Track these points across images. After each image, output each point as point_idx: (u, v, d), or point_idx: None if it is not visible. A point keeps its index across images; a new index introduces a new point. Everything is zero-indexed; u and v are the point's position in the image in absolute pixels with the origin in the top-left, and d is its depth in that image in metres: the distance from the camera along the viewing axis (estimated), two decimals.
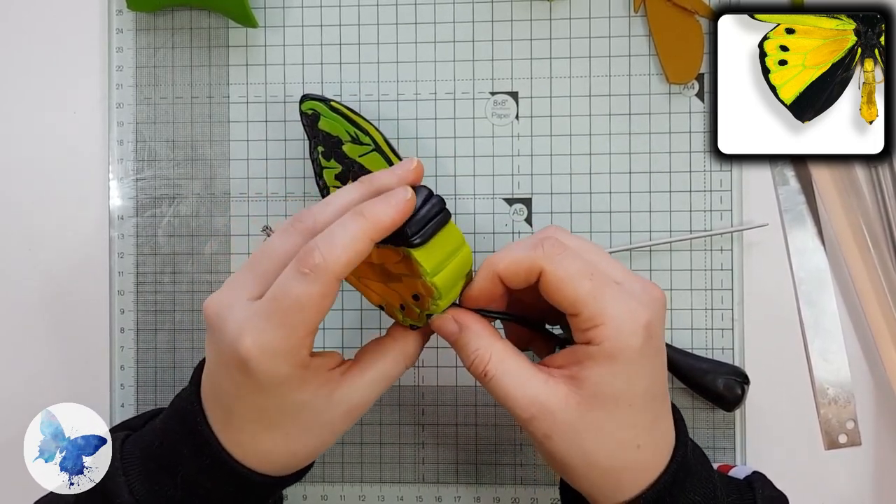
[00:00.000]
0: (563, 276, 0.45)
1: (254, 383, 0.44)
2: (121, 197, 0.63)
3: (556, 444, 0.45)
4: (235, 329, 0.43)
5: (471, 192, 0.61)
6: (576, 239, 0.48)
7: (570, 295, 0.45)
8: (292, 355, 0.43)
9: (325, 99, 0.58)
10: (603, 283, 0.45)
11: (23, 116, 0.64)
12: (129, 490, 0.47)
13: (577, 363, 0.45)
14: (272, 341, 0.43)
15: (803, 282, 0.60)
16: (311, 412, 0.46)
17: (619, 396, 0.45)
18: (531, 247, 0.46)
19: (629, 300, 0.45)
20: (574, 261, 0.45)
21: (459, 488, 0.62)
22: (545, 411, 0.45)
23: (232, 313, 0.44)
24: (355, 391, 0.47)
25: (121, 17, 0.63)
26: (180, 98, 0.62)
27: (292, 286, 0.42)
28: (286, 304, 0.42)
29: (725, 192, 0.60)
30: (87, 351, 0.63)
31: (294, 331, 0.43)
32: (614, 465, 0.46)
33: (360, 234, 0.43)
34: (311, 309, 0.42)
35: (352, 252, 0.43)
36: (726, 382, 0.58)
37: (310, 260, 0.42)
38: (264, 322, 0.43)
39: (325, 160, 0.58)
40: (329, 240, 0.43)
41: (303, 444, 0.47)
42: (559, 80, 0.61)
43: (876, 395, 0.60)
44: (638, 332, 0.44)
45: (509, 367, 0.46)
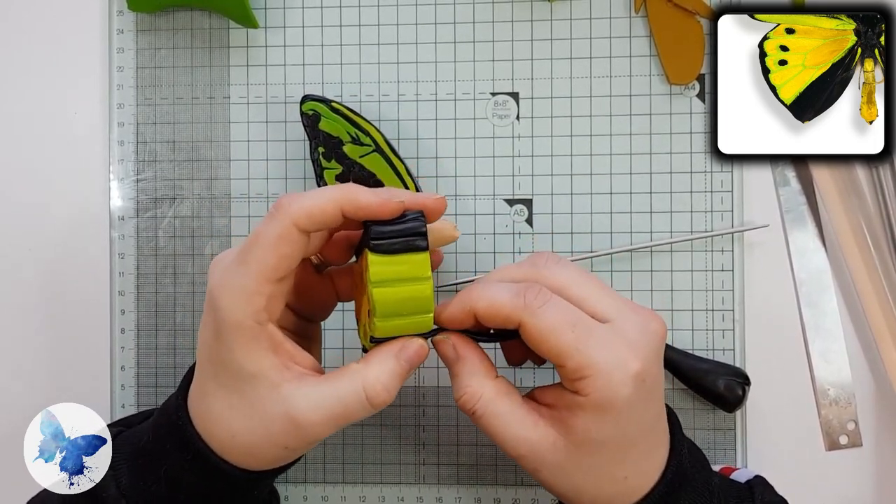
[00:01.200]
0: (544, 329, 0.44)
1: (215, 323, 0.44)
2: (121, 198, 0.63)
3: (545, 477, 0.46)
4: (216, 274, 0.45)
5: (471, 192, 0.61)
6: (566, 269, 0.47)
7: (553, 347, 0.44)
8: (246, 298, 0.43)
9: (326, 100, 0.58)
10: (587, 333, 0.44)
11: (23, 117, 0.64)
12: (117, 484, 0.47)
13: (567, 408, 0.45)
14: (232, 278, 0.44)
15: (804, 282, 0.60)
16: (255, 391, 0.45)
17: (608, 441, 0.45)
18: (514, 294, 0.45)
19: (618, 348, 0.44)
20: (556, 311, 0.44)
21: (460, 489, 0.62)
22: (533, 452, 0.46)
23: (219, 263, 0.46)
24: (302, 398, 0.44)
25: (121, 18, 0.63)
26: (181, 99, 0.63)
27: (259, 226, 0.44)
28: (249, 242, 0.44)
29: (726, 193, 0.60)
30: (87, 352, 0.63)
31: (250, 268, 0.43)
32: (602, 494, 0.46)
33: (332, 195, 0.44)
34: (266, 246, 0.43)
35: (317, 205, 0.43)
36: (727, 383, 0.58)
37: (279, 203, 0.44)
38: (232, 261, 0.45)
39: (325, 161, 0.58)
40: (304, 193, 0.44)
41: (243, 424, 0.45)
42: (560, 80, 0.61)
43: (877, 395, 0.60)
44: (627, 381, 0.43)
45: (499, 409, 0.46)
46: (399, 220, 0.45)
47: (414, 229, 0.44)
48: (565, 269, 0.47)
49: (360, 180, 0.58)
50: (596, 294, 0.46)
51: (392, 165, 0.58)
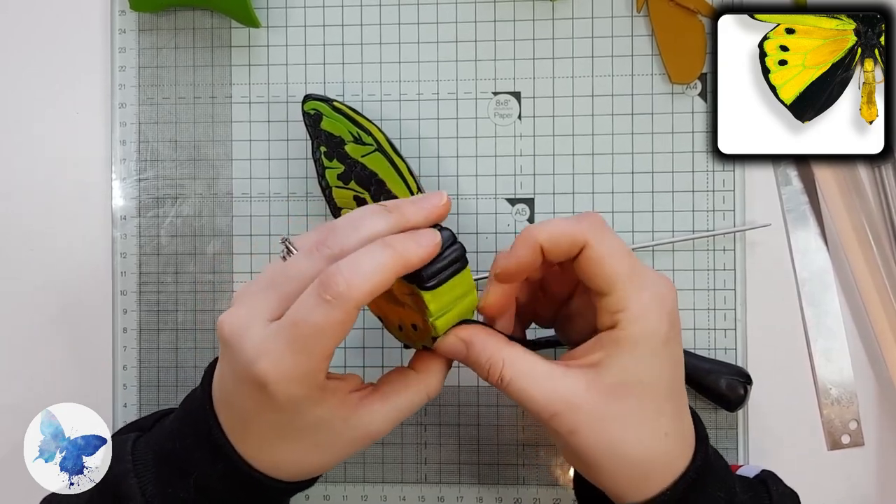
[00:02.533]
0: (606, 253, 0.44)
1: (270, 403, 0.43)
2: (123, 197, 0.63)
3: (582, 438, 0.45)
4: (253, 351, 0.43)
5: (473, 192, 0.61)
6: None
7: (609, 272, 0.44)
8: (309, 379, 0.43)
9: (328, 99, 0.58)
10: (640, 266, 0.45)
11: (25, 117, 0.64)
12: (142, 492, 0.47)
13: (601, 349, 0.45)
14: (289, 366, 0.42)
15: (806, 282, 0.60)
16: (328, 432, 0.46)
17: (644, 382, 0.45)
18: (574, 221, 0.45)
19: (658, 286, 0.45)
20: (616, 239, 0.45)
21: (462, 488, 0.62)
22: (568, 405, 0.44)
23: (249, 334, 0.43)
24: (374, 418, 0.46)
25: (123, 18, 0.63)
26: (183, 98, 0.63)
27: (312, 312, 0.41)
28: (305, 331, 0.42)
29: (728, 193, 0.60)
30: (89, 351, 0.63)
31: (312, 356, 0.42)
32: (643, 455, 0.45)
33: (386, 267, 0.42)
34: (330, 335, 0.42)
35: (376, 283, 0.42)
36: (729, 383, 0.58)
37: (333, 286, 0.41)
38: (282, 346, 0.42)
39: (327, 160, 0.58)
40: (354, 267, 0.42)
41: (317, 459, 0.47)
42: (562, 79, 0.61)
43: (879, 395, 0.60)
44: (664, 318, 0.44)
45: (523, 368, 0.45)
46: (440, 253, 0.44)
47: (457, 258, 0.45)
48: (611, 242, 0.47)
49: (361, 180, 0.58)
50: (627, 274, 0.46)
51: (394, 165, 0.58)
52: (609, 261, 0.44)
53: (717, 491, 0.47)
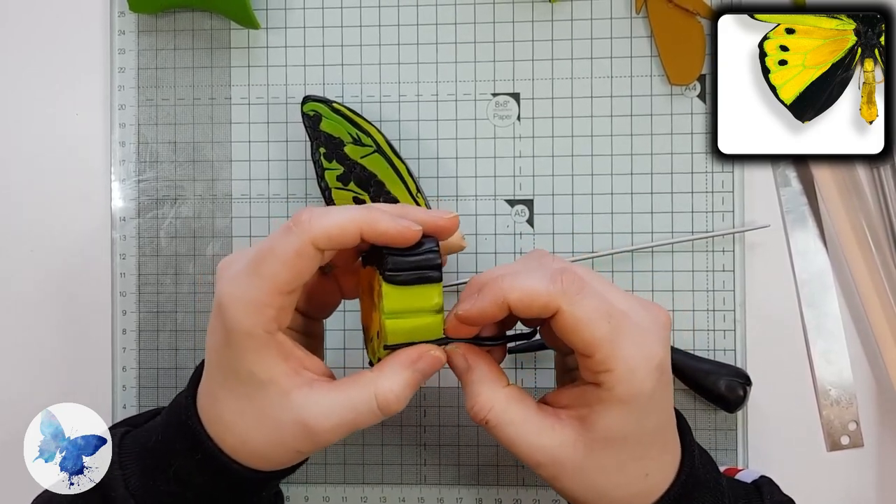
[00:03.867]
0: (582, 318, 0.42)
1: (224, 332, 0.44)
2: (122, 198, 0.63)
3: (564, 483, 0.45)
4: (223, 280, 0.45)
5: (472, 193, 0.61)
6: (580, 268, 0.46)
7: (586, 338, 0.43)
8: (259, 311, 0.43)
9: (327, 100, 0.58)
10: (620, 325, 0.43)
11: (25, 118, 0.64)
12: (125, 484, 0.47)
13: (587, 405, 0.44)
14: (243, 289, 0.43)
15: (805, 283, 0.60)
16: (265, 398, 0.45)
17: (629, 436, 0.44)
18: (549, 280, 0.43)
19: (643, 340, 0.43)
20: (592, 300, 0.43)
21: (461, 490, 0.62)
22: (552, 459, 0.44)
23: (228, 269, 0.45)
24: (314, 405, 0.45)
25: (123, 19, 0.63)
26: (182, 99, 0.63)
27: (274, 240, 0.43)
28: (263, 255, 0.43)
29: (727, 194, 0.60)
30: (88, 352, 0.63)
31: (262, 281, 0.43)
32: (625, 494, 0.45)
33: (353, 217, 0.43)
34: (283, 263, 0.43)
35: (337, 226, 0.43)
36: (728, 384, 0.58)
37: (297, 218, 0.43)
38: (243, 271, 0.44)
39: (326, 161, 0.58)
40: (324, 210, 0.44)
41: (253, 430, 0.45)
42: (561, 81, 0.61)
43: (878, 396, 0.60)
44: (651, 374, 0.43)
45: (513, 417, 0.45)
46: (414, 249, 0.44)
47: (429, 262, 0.44)
48: (577, 266, 0.46)
49: (361, 181, 0.58)
50: (608, 288, 0.45)
51: (393, 166, 0.58)
52: (586, 326, 0.42)
53: (705, 502, 0.47)
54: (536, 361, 0.61)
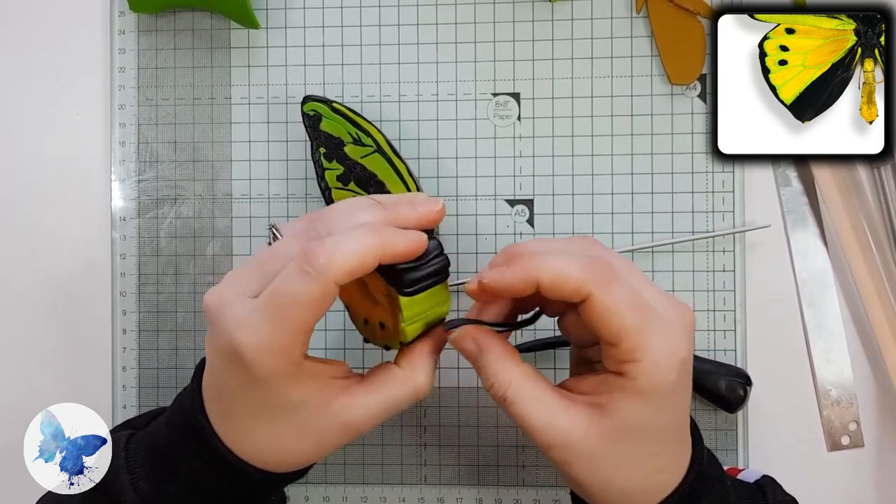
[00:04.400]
0: (612, 307, 0.42)
1: (249, 378, 0.43)
2: (123, 198, 0.63)
3: (574, 470, 0.45)
4: (232, 324, 0.43)
5: (472, 193, 0.61)
6: (617, 258, 0.46)
7: (614, 326, 0.42)
8: (285, 353, 0.43)
9: (327, 100, 0.58)
10: (649, 317, 0.43)
11: (25, 117, 0.64)
12: (134, 488, 0.47)
13: (607, 392, 0.44)
14: (266, 337, 0.42)
15: (806, 283, 0.60)
16: (305, 415, 0.45)
17: (645, 428, 0.44)
18: (582, 267, 0.43)
19: (669, 334, 0.43)
20: (623, 289, 0.43)
21: (462, 490, 0.62)
22: (564, 441, 0.44)
23: (230, 309, 0.43)
24: (356, 408, 0.46)
25: (123, 19, 0.63)
26: (182, 99, 0.63)
27: (292, 283, 0.42)
28: (283, 302, 0.42)
29: (728, 194, 0.60)
30: (89, 352, 0.63)
31: (288, 328, 0.42)
32: (636, 488, 0.45)
33: (370, 249, 0.42)
34: (307, 308, 0.42)
35: (357, 262, 0.42)
36: (729, 384, 0.58)
37: (313, 259, 0.41)
38: (261, 317, 0.42)
39: (326, 161, 0.58)
40: (337, 244, 0.42)
41: (296, 446, 0.46)
42: (561, 81, 0.61)
43: (879, 396, 0.60)
44: (674, 367, 0.43)
45: (529, 395, 0.45)
46: (424, 258, 0.45)
47: (440, 269, 0.45)
48: (615, 256, 0.46)
49: (361, 181, 0.58)
50: (642, 281, 0.45)
51: (393, 166, 0.58)
52: (615, 314, 0.42)
53: (712, 501, 0.47)
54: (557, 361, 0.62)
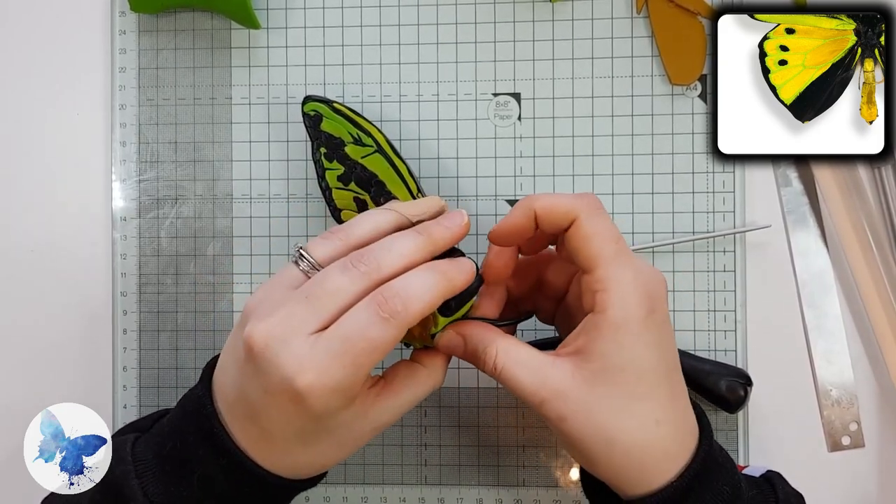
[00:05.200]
0: (593, 232, 0.46)
1: (304, 414, 0.44)
2: (123, 198, 0.63)
3: (570, 425, 0.46)
4: (294, 364, 0.43)
5: (473, 193, 0.61)
6: None
7: (592, 250, 0.46)
8: (351, 391, 0.45)
9: (328, 100, 0.58)
10: (623, 251, 0.46)
11: (25, 117, 0.64)
12: (144, 493, 0.47)
13: (584, 334, 0.46)
14: (336, 379, 0.43)
15: (806, 283, 0.60)
16: (347, 430, 0.48)
17: (626, 367, 0.45)
18: (573, 196, 0.47)
19: (641, 271, 0.46)
20: (606, 221, 0.47)
21: (462, 490, 0.61)
22: (555, 393, 0.46)
23: (289, 348, 0.43)
24: (387, 411, 0.48)
25: (123, 19, 0.63)
26: (183, 99, 0.63)
27: (369, 329, 0.43)
28: (359, 346, 0.43)
29: (728, 194, 0.60)
30: (89, 352, 0.63)
31: (360, 370, 0.44)
32: (634, 441, 0.45)
33: (437, 292, 0.45)
34: (381, 352, 0.44)
35: (428, 304, 0.45)
36: (729, 384, 0.58)
37: (392, 306, 0.43)
38: (330, 360, 0.43)
39: (327, 161, 0.58)
40: (409, 290, 0.44)
41: (332, 457, 0.49)
42: (562, 81, 0.61)
43: (879, 396, 0.60)
44: (643, 301, 0.45)
45: (515, 357, 0.47)
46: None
47: (475, 288, 0.50)
48: (601, 222, 0.48)
49: (361, 181, 0.58)
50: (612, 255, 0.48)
51: (394, 166, 0.58)
52: (595, 240, 0.46)
53: (723, 485, 0.47)
54: None
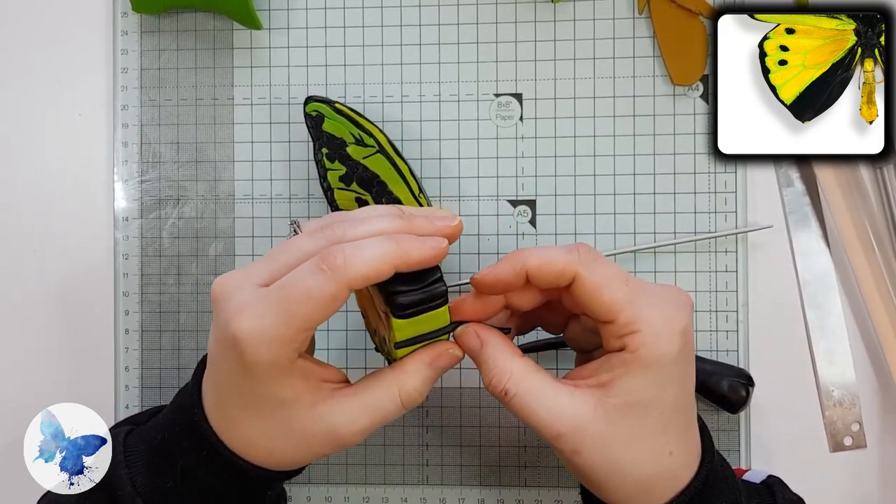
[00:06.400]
0: (600, 281, 0.44)
1: (241, 364, 0.43)
2: (125, 199, 0.63)
3: (585, 458, 0.44)
4: (235, 308, 0.43)
5: (475, 193, 0.61)
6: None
7: (606, 301, 0.44)
8: (282, 345, 0.43)
9: (330, 101, 0.58)
10: (639, 289, 0.44)
11: (28, 118, 0.64)
12: (132, 483, 0.47)
13: (609, 370, 0.44)
14: (267, 326, 0.42)
15: (808, 283, 0.60)
16: (291, 414, 0.46)
17: (651, 404, 0.44)
18: (565, 251, 0.45)
19: (665, 305, 0.44)
20: (609, 267, 0.45)
21: (463, 490, 0.61)
22: (573, 427, 0.44)
23: (237, 293, 0.44)
24: (340, 412, 0.46)
25: (126, 20, 0.63)
26: (185, 100, 0.63)
27: (305, 278, 0.42)
28: (293, 294, 0.42)
29: (730, 194, 0.60)
30: (91, 352, 0.63)
31: (291, 320, 0.42)
32: (647, 473, 0.45)
33: (387, 256, 0.43)
34: (315, 304, 0.42)
35: (373, 268, 0.42)
36: (731, 384, 0.58)
37: (331, 259, 0.42)
38: (264, 306, 0.43)
39: (329, 162, 0.58)
40: (357, 249, 0.42)
41: (283, 445, 0.46)
42: (563, 81, 0.61)
43: (881, 397, 0.60)
44: (675, 338, 0.44)
45: (531, 385, 0.45)
46: (420, 282, 0.44)
47: (436, 295, 0.45)
48: (607, 269, 0.46)
49: (363, 181, 0.58)
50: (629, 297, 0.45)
51: (396, 166, 0.58)
52: (605, 290, 0.44)
53: (722, 501, 0.47)
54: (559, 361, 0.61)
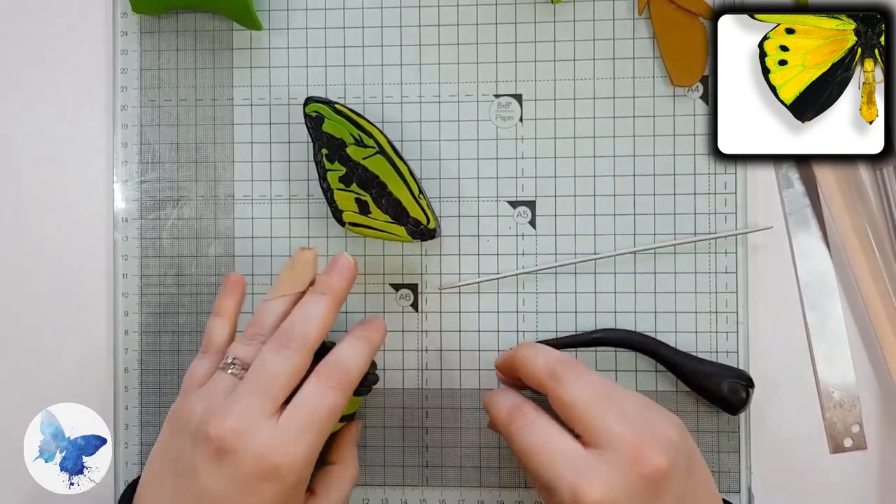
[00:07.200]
0: (521, 450, 0.49)
1: (280, 492, 0.47)
2: (125, 199, 0.63)
3: None
4: (264, 445, 0.46)
5: (475, 194, 0.61)
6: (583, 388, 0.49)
7: (533, 469, 0.48)
8: (312, 462, 0.48)
9: (329, 101, 0.58)
10: (559, 459, 0.47)
11: (27, 118, 0.64)
12: None
13: None
14: (305, 449, 0.47)
15: (808, 285, 0.60)
16: None
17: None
18: (506, 412, 0.51)
19: (587, 477, 0.45)
20: (536, 435, 0.49)
21: (463, 491, 0.61)
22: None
23: (256, 433, 0.47)
24: None
25: (125, 20, 0.63)
26: (184, 100, 0.63)
27: (325, 398, 0.48)
28: (322, 414, 0.48)
29: (730, 195, 0.60)
30: (90, 353, 0.63)
31: (322, 437, 0.48)
32: None
33: (367, 354, 0.51)
34: (336, 417, 0.49)
35: (362, 368, 0.51)
36: (731, 386, 0.58)
37: (337, 376, 0.49)
38: (298, 433, 0.47)
39: (329, 163, 0.58)
40: (346, 360, 0.50)
41: None
42: (563, 82, 0.61)
43: (881, 398, 0.60)
44: (665, 450, 0.46)
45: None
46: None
47: (373, 381, 0.56)
48: (582, 388, 0.48)
49: (363, 182, 0.58)
50: (599, 416, 0.47)
51: (395, 167, 0.58)
52: (531, 459, 0.48)
53: None
54: None
